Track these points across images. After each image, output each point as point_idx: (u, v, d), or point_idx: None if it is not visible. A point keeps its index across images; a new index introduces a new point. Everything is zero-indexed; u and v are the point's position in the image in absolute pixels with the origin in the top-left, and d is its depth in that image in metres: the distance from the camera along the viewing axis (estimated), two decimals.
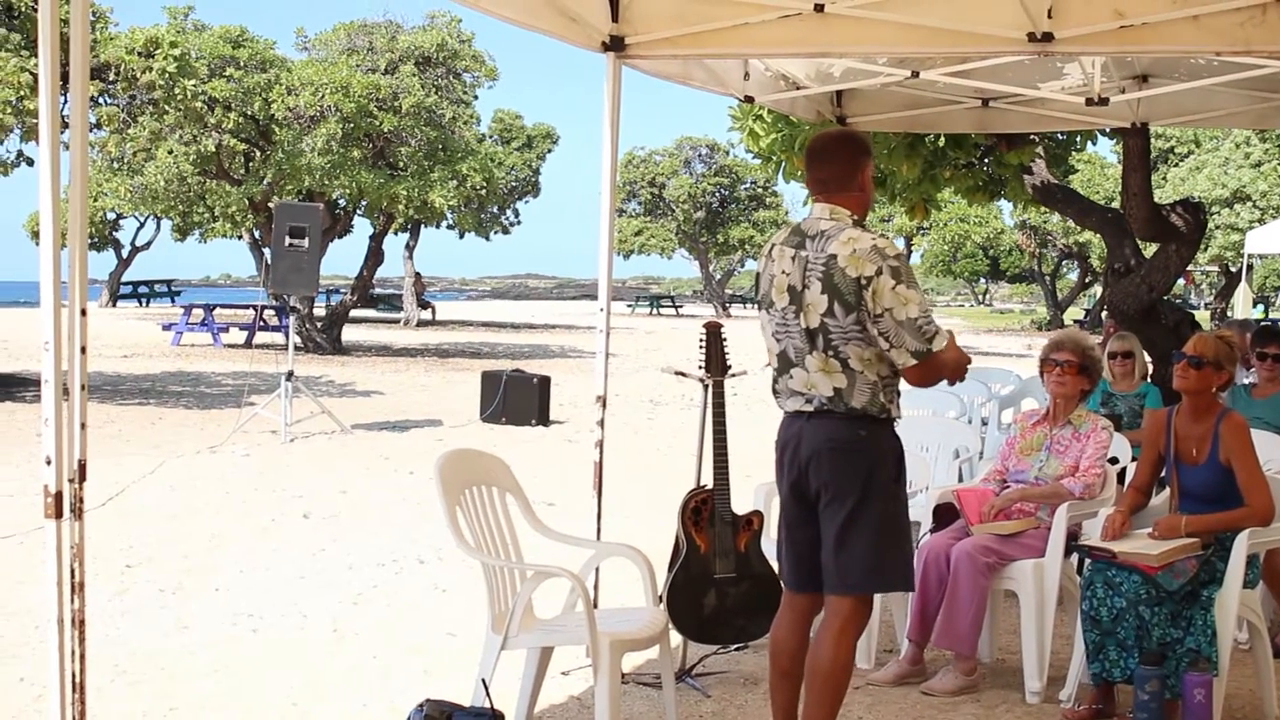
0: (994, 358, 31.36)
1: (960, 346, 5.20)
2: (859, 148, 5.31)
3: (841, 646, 5.20)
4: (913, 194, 13.09)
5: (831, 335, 5.06)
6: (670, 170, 63.94)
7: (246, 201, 29.70)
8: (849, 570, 5.17)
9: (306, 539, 10.30)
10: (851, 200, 5.21)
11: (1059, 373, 7.17)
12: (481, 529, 5.76)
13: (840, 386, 5.11)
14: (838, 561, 5.17)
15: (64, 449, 4.06)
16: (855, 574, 5.17)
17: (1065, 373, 7.16)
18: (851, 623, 5.22)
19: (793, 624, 5.44)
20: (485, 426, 18.16)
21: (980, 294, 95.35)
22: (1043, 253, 56.99)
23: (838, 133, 5.82)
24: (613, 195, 7.18)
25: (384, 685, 6.72)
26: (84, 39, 4.13)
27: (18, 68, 17.69)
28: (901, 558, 5.31)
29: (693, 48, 7.48)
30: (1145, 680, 5.96)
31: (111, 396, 20.36)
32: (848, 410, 5.12)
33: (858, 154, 5.27)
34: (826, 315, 5.05)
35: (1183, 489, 6.52)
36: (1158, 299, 12.43)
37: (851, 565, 5.16)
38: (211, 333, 33.86)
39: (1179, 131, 43.43)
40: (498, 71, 35.24)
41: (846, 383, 5.09)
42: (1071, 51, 7.49)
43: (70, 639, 4.13)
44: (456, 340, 39.69)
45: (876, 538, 5.16)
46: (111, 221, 54.61)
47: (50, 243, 4.01)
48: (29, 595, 8.13)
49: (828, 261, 5.03)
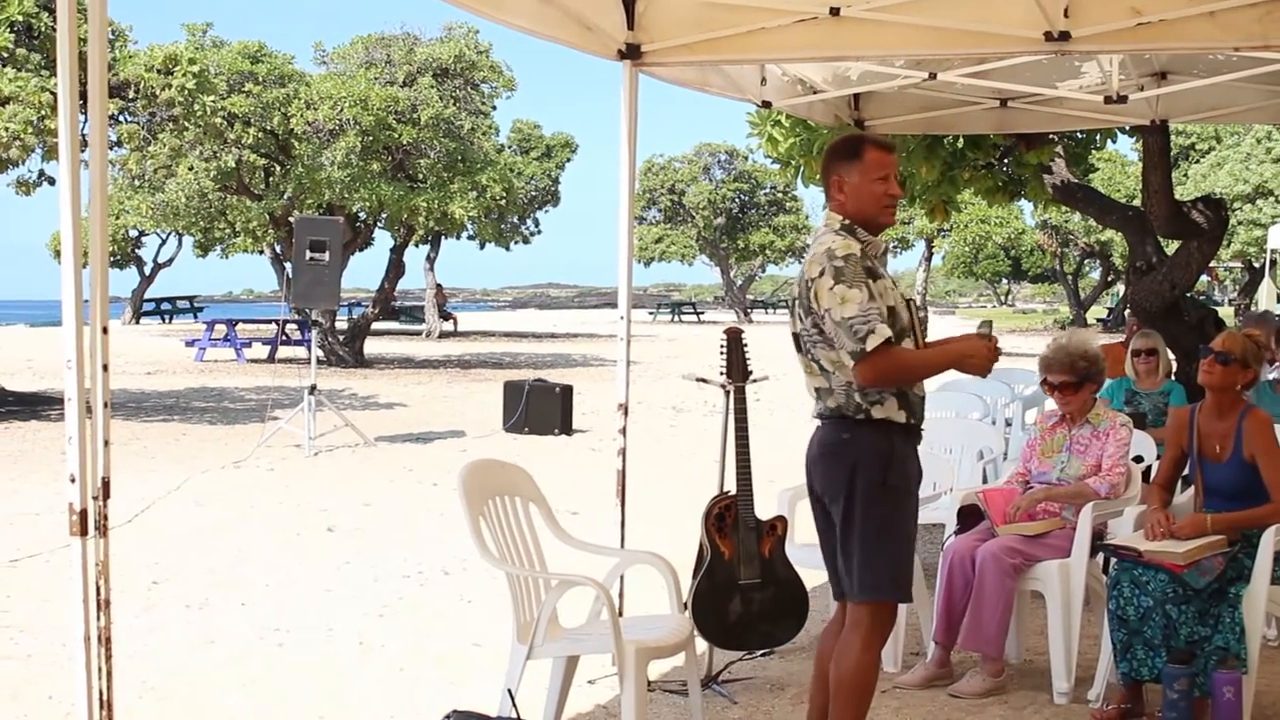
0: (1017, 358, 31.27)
1: (967, 346, 5.12)
2: (830, 156, 5.31)
3: (859, 654, 5.13)
4: (932, 196, 13.05)
5: (803, 339, 5.16)
6: (690, 177, 64.00)
7: (267, 216, 29.80)
8: (848, 576, 5.15)
9: (331, 552, 10.32)
10: (835, 206, 5.22)
11: (1059, 395, 7.19)
12: (505, 539, 5.76)
13: (820, 388, 5.16)
14: (842, 567, 5.19)
15: (88, 466, 4.07)
16: (853, 580, 5.14)
17: (1064, 393, 7.16)
18: (867, 630, 5.14)
19: (834, 631, 5.41)
20: (508, 436, 18.18)
21: (1003, 295, 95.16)
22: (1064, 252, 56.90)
23: (831, 142, 5.78)
24: (631, 203, 7.18)
25: (411, 697, 6.72)
26: (102, 57, 4.14)
27: (38, 87, 17.75)
28: (892, 564, 5.16)
29: (709, 54, 7.48)
30: (1174, 679, 5.94)
31: (136, 413, 20.43)
32: (830, 412, 5.14)
33: (828, 163, 5.27)
34: (800, 319, 5.15)
35: (1207, 486, 6.49)
36: (1180, 296, 12.38)
37: (850, 571, 5.13)
38: (234, 348, 33.95)
39: (1199, 128, 43.33)
40: (515, 82, 35.26)
41: (825, 384, 5.13)
42: (1089, 50, 7.47)
43: (97, 656, 4.14)
44: (478, 351, 39.73)
45: (862, 543, 5.09)
46: (134, 239, 54.68)
47: (72, 261, 4.02)
48: (56, 613, 8.15)
49: (803, 267, 5.15)
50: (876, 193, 5.16)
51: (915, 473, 5.23)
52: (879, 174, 5.15)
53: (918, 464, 5.24)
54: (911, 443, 5.19)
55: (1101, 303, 66.83)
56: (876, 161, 5.16)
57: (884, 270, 5.17)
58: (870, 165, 5.15)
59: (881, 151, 5.20)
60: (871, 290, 4.95)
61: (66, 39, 4.01)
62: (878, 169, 5.15)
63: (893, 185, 5.18)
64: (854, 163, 5.17)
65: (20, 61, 18.61)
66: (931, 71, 8.97)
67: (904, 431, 5.15)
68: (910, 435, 5.18)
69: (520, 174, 42.77)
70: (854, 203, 5.17)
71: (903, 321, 5.08)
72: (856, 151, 5.20)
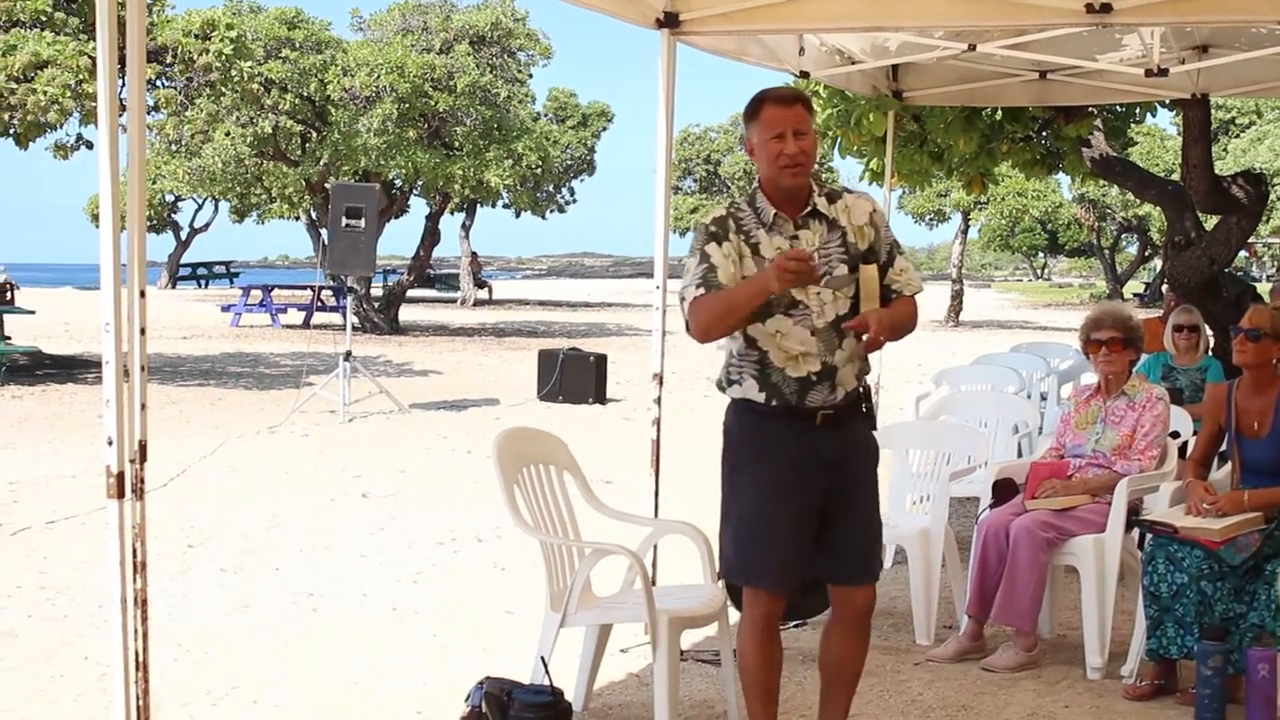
0: (1052, 332, 31.18)
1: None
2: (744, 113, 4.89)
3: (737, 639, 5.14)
4: (970, 168, 13.00)
5: None
6: (726, 147, 63.70)
7: (303, 182, 29.85)
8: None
9: (365, 518, 10.35)
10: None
11: (1105, 351, 7.09)
12: (539, 507, 5.77)
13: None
14: None
15: (125, 430, 4.09)
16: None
17: (1111, 350, 7.08)
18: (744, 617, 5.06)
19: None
20: (542, 405, 18.20)
21: (1039, 268, 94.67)
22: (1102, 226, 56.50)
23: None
24: (668, 172, 7.17)
25: (444, 663, 6.74)
26: (141, 22, 4.15)
27: (76, 51, 17.81)
28: (729, 547, 4.95)
29: (747, 23, 7.45)
30: (1208, 656, 5.91)
31: (172, 378, 20.51)
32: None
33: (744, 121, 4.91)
34: None
35: (1245, 463, 6.46)
36: (1219, 272, 12.31)
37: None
38: (270, 314, 34.08)
39: (1240, 102, 42.93)
40: (552, 50, 35.19)
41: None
42: (1130, 22, 7.42)
43: (133, 618, 4.16)
44: (513, 319, 39.77)
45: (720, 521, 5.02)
46: (170, 204, 54.90)
47: (109, 225, 4.03)
48: (92, 575, 8.21)
49: None
50: (771, 152, 4.74)
51: (777, 456, 4.84)
52: (773, 131, 4.72)
53: (790, 447, 4.83)
54: (779, 424, 4.84)
55: (1138, 277, 66.41)
56: (769, 119, 4.73)
57: (785, 239, 4.79)
58: (764, 123, 4.75)
59: (777, 106, 4.75)
60: (705, 253, 4.73)
61: (105, 3, 4.01)
62: (770, 127, 4.73)
63: (788, 143, 4.70)
64: (753, 123, 4.81)
65: (59, 25, 18.69)
66: (971, 43, 8.92)
67: (766, 414, 4.84)
68: (773, 418, 4.84)
69: (556, 142, 42.66)
70: (759, 165, 4.84)
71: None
72: (755, 110, 4.80)
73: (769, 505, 4.83)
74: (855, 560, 5.00)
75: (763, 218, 4.81)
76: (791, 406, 4.79)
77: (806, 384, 4.77)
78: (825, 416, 4.82)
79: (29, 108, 17.63)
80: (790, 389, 4.77)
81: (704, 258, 4.71)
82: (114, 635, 4.16)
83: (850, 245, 4.83)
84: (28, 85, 17.63)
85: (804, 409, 4.80)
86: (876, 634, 7.25)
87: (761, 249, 4.77)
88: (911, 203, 46.52)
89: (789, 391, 4.77)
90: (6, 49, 17.83)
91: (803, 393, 4.78)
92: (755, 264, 4.74)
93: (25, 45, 17.85)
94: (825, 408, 4.81)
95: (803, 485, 4.82)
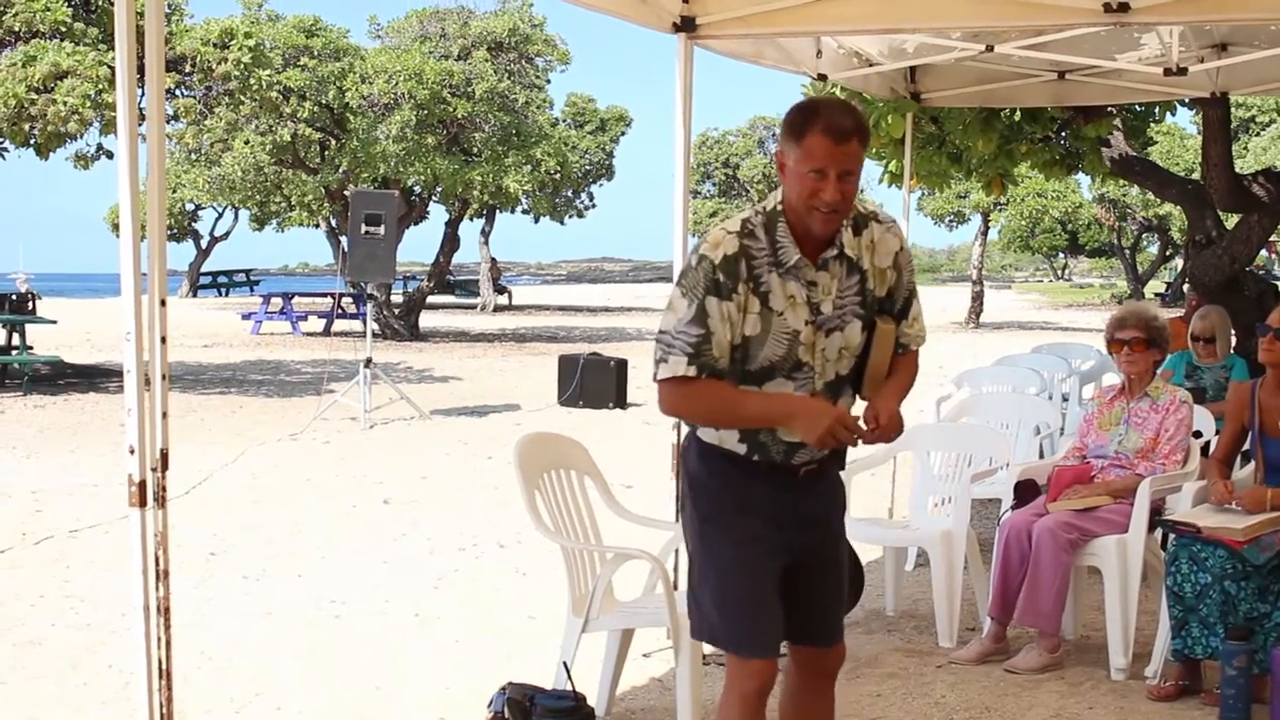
0: (1073, 333, 31.10)
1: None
2: (783, 123, 4.10)
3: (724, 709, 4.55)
4: (989, 169, 12.99)
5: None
6: (744, 150, 63.64)
7: (323, 190, 29.92)
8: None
9: (387, 524, 10.36)
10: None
11: (1128, 351, 7.06)
12: (560, 512, 5.77)
13: None
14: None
15: (146, 438, 4.11)
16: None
17: (1134, 350, 7.05)
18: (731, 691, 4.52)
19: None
20: (563, 410, 18.21)
21: (1059, 269, 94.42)
22: (1122, 226, 56.35)
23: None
24: (686, 177, 7.17)
25: (466, 669, 6.74)
26: (159, 31, 4.16)
27: (95, 61, 17.86)
28: (703, 608, 4.38)
29: (764, 26, 7.45)
30: (1232, 656, 5.89)
31: (193, 386, 20.57)
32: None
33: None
34: None
35: (1268, 462, 6.43)
36: (1240, 270, 12.29)
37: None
38: (290, 321, 34.15)
39: (1260, 100, 42.73)
40: (570, 55, 35.17)
41: None
42: (1148, 21, 7.41)
43: (156, 626, 4.18)
44: (533, 324, 39.80)
45: (688, 576, 4.48)
46: (190, 212, 55.09)
47: (130, 234, 4.05)
48: (115, 583, 8.22)
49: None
50: (807, 189, 3.97)
51: (759, 510, 4.28)
52: (814, 165, 3.95)
53: (769, 503, 4.29)
54: (759, 479, 4.28)
55: (1159, 277, 66.22)
56: (813, 150, 3.94)
57: (802, 285, 4.09)
58: (806, 152, 3.96)
59: (827, 140, 3.93)
60: (704, 309, 4.01)
61: (124, 13, 4.03)
62: (812, 159, 3.95)
63: (828, 186, 3.94)
64: (793, 143, 4.01)
65: (78, 36, 18.74)
66: (989, 44, 8.92)
67: (745, 466, 4.28)
68: (753, 472, 4.28)
69: (574, 148, 42.65)
70: (788, 189, 4.07)
71: (774, 355, 4.09)
72: (799, 131, 3.99)
73: (756, 564, 4.29)
74: (832, 619, 4.59)
75: (781, 257, 4.07)
76: (776, 464, 4.26)
77: (796, 445, 4.21)
78: (808, 470, 4.31)
79: (49, 118, 17.68)
80: (779, 449, 4.23)
81: (700, 315, 4.02)
82: (137, 643, 4.17)
83: (868, 293, 4.20)
84: (48, 96, 17.68)
85: (789, 465, 4.28)
86: (900, 636, 7.27)
87: (772, 300, 4.06)
88: (931, 204, 46.50)
89: (776, 451, 4.24)
90: (26, 60, 17.90)
91: (790, 453, 4.24)
92: (760, 320, 4.06)
93: (45, 56, 17.90)
94: (810, 463, 4.29)
95: (784, 542, 4.30)
